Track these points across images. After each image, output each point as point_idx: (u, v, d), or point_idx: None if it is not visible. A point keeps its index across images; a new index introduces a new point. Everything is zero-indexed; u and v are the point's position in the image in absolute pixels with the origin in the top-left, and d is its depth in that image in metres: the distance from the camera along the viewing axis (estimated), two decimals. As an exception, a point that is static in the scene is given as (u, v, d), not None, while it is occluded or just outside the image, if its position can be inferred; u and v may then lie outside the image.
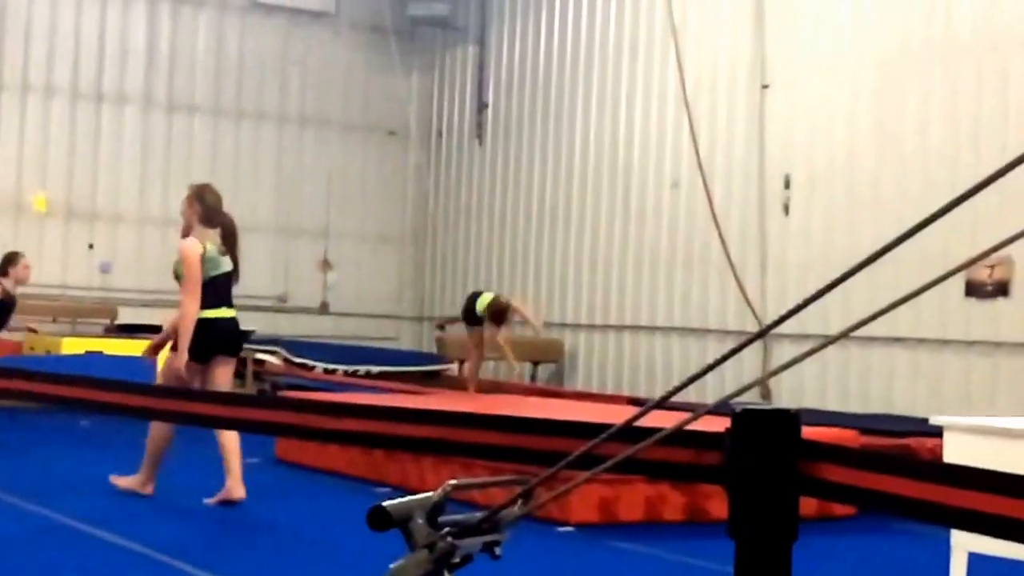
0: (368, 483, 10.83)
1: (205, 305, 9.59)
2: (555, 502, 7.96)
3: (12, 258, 14.01)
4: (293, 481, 11.37)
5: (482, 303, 14.84)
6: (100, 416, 13.53)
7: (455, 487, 2.60)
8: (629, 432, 2.71)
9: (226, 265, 9.79)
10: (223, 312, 9.71)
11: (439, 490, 2.57)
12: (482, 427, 3.57)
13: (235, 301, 9.95)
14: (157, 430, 9.68)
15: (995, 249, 2.62)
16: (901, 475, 2.69)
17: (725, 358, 2.68)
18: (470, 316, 14.98)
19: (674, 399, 2.84)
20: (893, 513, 2.67)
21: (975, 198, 4.37)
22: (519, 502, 2.70)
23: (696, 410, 2.71)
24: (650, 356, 17.66)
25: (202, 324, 9.52)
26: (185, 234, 9.91)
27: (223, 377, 9.79)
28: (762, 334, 2.80)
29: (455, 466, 9.56)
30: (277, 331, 19.91)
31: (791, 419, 2.79)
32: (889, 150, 14.61)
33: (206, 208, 9.85)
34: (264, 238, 20.62)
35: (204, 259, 9.62)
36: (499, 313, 14.72)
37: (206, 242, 9.72)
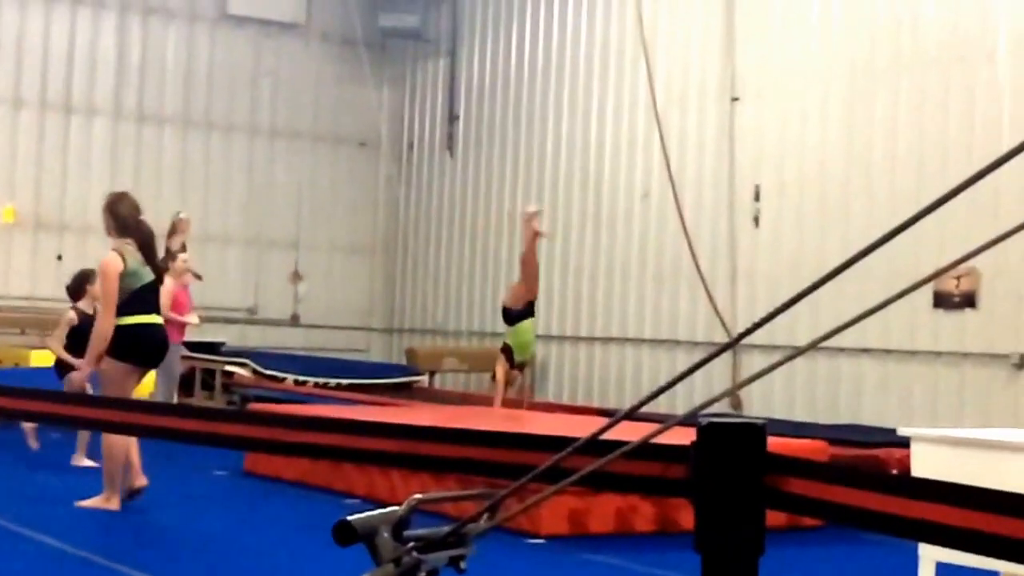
0: (336, 494, 10.81)
1: (135, 311, 9.68)
2: (522, 515, 7.96)
3: (87, 277, 13.55)
4: (261, 493, 11.34)
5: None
6: (67, 430, 13.46)
7: (420, 501, 2.61)
8: (596, 445, 2.71)
9: (148, 276, 9.84)
10: (152, 318, 9.79)
11: (404, 504, 2.57)
12: (449, 441, 3.57)
13: (206, 313, 10.00)
14: (112, 446, 9.64)
15: (962, 260, 2.64)
16: (868, 488, 2.69)
17: (693, 369, 2.68)
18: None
19: (644, 410, 2.85)
20: (861, 527, 2.68)
21: (942, 208, 4.41)
22: (485, 516, 2.71)
23: (666, 421, 2.71)
24: (620, 367, 17.68)
25: (134, 329, 9.59)
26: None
27: (137, 384, 9.97)
28: (730, 346, 2.81)
29: (424, 477, 9.55)
30: (247, 343, 19.88)
31: (757, 432, 2.78)
32: (857, 162, 14.69)
33: (119, 219, 9.88)
34: (234, 250, 20.61)
35: (125, 274, 9.64)
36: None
37: (126, 256, 9.73)
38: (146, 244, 9.88)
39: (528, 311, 14.62)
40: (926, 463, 7.68)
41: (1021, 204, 11.97)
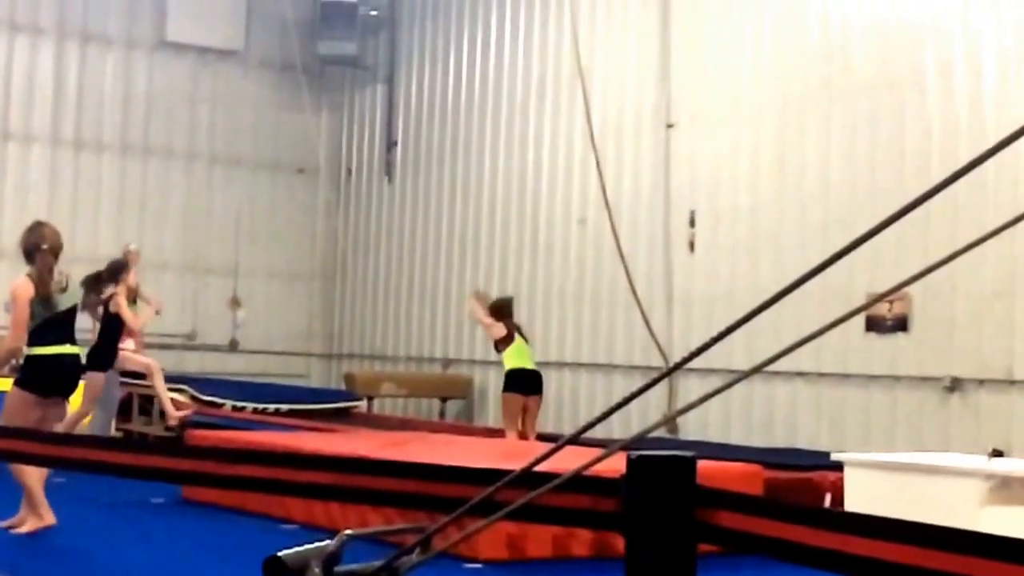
0: (274, 520, 10.80)
1: (47, 342, 9.61)
2: (452, 549, 8.02)
3: (124, 267, 13.80)
4: (197, 521, 11.28)
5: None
6: None
7: (351, 536, 2.67)
8: (529, 476, 2.75)
9: (65, 303, 9.82)
10: (66, 348, 9.75)
11: (335, 539, 2.63)
12: (383, 473, 3.65)
13: (143, 339, 10.00)
14: (22, 471, 9.58)
15: (900, 287, 2.74)
16: (800, 522, 2.70)
17: (635, 395, 2.75)
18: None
19: (581, 435, 2.90)
20: (793, 561, 2.71)
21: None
22: (418, 549, 2.77)
23: (605, 446, 2.75)
24: (558, 392, 17.76)
25: (41, 360, 9.56)
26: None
27: (58, 415, 9.86)
28: (670, 372, 2.89)
29: (363, 505, 9.58)
30: (185, 369, 19.81)
31: (687, 465, 2.81)
32: (790, 187, 14.89)
33: (24, 248, 9.87)
34: (172, 275, 20.57)
35: (36, 300, 9.61)
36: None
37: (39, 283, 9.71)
38: (42, 274, 9.76)
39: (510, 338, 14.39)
40: (858, 488, 7.85)
41: (950, 227, 12.20)
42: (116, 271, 13.49)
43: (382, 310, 21.62)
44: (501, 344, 14.28)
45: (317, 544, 2.64)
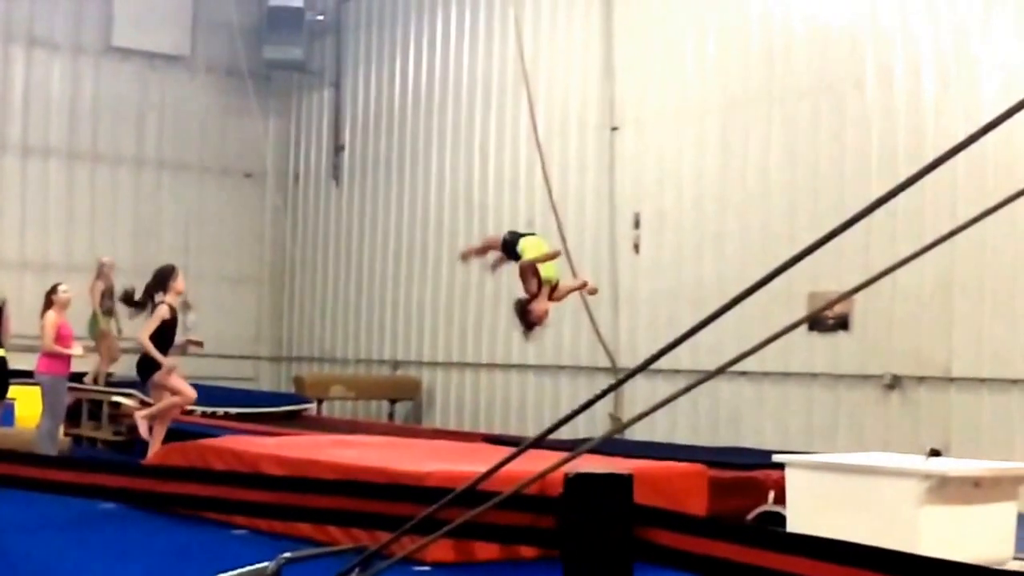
0: (225, 525, 10.74)
1: None
2: (390, 568, 8.11)
3: (171, 272, 13.29)
4: (147, 525, 11.12)
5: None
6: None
7: (289, 560, 2.74)
8: (468, 495, 2.82)
9: None
10: None
11: (273, 562, 2.70)
12: (326, 492, 3.76)
13: (93, 343, 10.02)
14: None
15: (849, 294, 2.87)
16: (735, 541, 2.76)
17: (598, 398, 2.84)
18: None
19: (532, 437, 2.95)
20: None
21: (813, 234, 4.66)
22: (356, 570, 2.83)
23: (574, 449, 2.80)
24: (506, 393, 17.90)
25: None
26: None
27: None
28: (634, 374, 3.00)
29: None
30: (134, 373, 19.74)
31: (624, 483, 2.84)
32: (732, 189, 15.07)
33: None
34: (121, 280, 20.43)
35: None
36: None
37: None
38: None
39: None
40: (799, 488, 7.97)
41: (890, 227, 12.40)
42: (163, 278, 13.14)
43: (331, 313, 21.69)
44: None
45: (256, 566, 2.72)
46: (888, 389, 13.34)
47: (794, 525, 7.86)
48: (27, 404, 15.04)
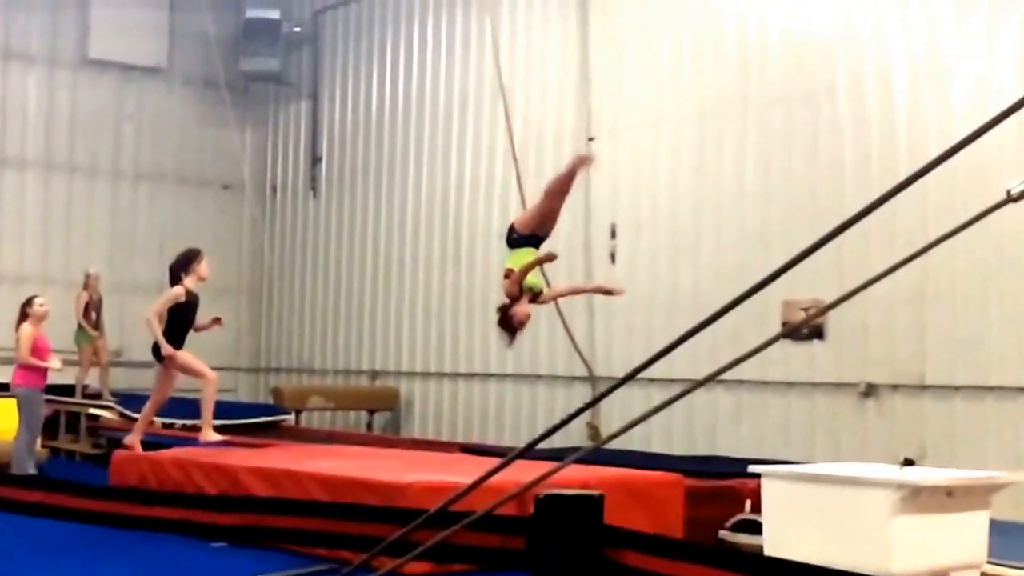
0: (203, 538, 10.73)
1: None
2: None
3: (196, 255, 12.99)
4: (126, 535, 11.08)
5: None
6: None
7: None
8: (440, 517, 2.87)
9: None
10: None
11: None
12: (297, 514, 3.81)
13: (71, 356, 10.05)
14: None
15: (826, 310, 2.93)
16: (705, 564, 2.82)
17: (578, 413, 2.87)
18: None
19: (503, 449, 3.01)
20: None
21: (790, 245, 4.71)
22: None
23: (551, 459, 2.86)
24: (483, 403, 17.93)
25: None
26: None
27: None
28: (614, 389, 3.05)
29: (290, 521, 9.63)
30: (113, 386, 19.75)
31: (594, 504, 2.89)
32: (707, 199, 15.13)
33: None
34: (78, 294, 20.47)
35: None
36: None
37: None
38: None
39: (532, 241, 11.59)
40: (775, 499, 8.02)
41: (863, 236, 12.46)
42: (186, 260, 12.86)
43: (309, 324, 21.71)
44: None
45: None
46: (864, 397, 13.39)
47: (770, 535, 7.91)
48: (3, 416, 15.00)
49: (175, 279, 12.78)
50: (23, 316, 14.31)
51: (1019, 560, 8.56)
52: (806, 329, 13.86)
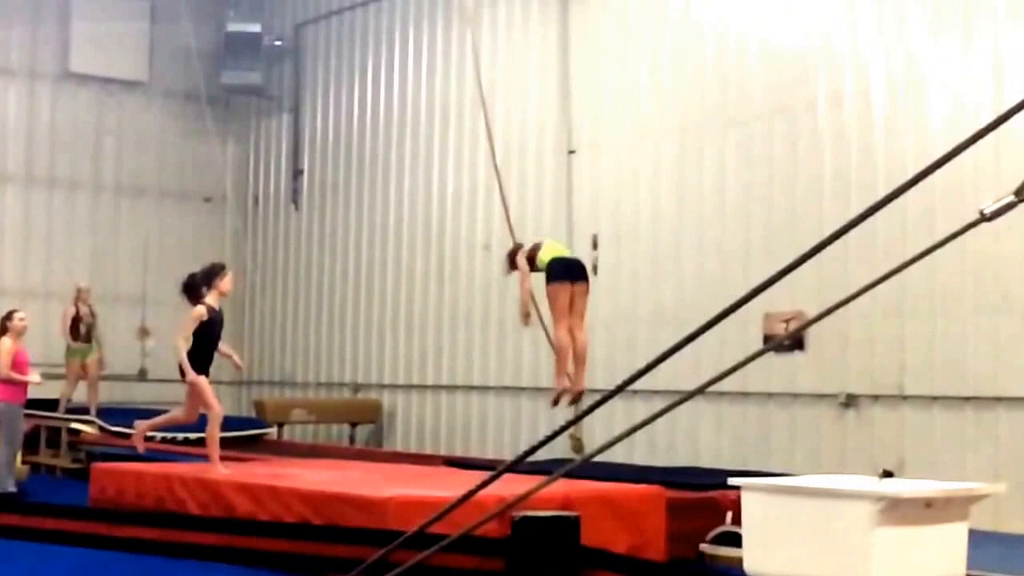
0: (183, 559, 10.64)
1: None
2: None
3: (219, 270, 12.59)
4: (102, 556, 10.97)
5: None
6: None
7: None
8: (417, 538, 2.88)
9: None
10: None
11: None
12: (274, 536, 3.83)
13: (51, 370, 10.02)
14: None
15: (812, 322, 2.95)
16: None
17: (565, 428, 2.89)
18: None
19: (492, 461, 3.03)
20: None
21: (768, 254, 4.75)
22: None
23: (533, 472, 2.86)
24: (466, 415, 17.93)
25: None
26: None
27: None
28: (598, 405, 3.07)
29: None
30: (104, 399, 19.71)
31: (571, 525, 2.91)
32: (689, 211, 15.18)
33: None
34: (64, 308, 20.46)
35: None
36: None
37: None
38: None
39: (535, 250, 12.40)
40: (755, 511, 8.03)
41: (842, 248, 12.50)
42: (209, 275, 12.41)
43: (291, 337, 21.70)
44: (533, 262, 12.39)
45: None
46: (844, 408, 13.43)
47: (749, 549, 7.93)
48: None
49: (196, 296, 12.27)
50: (3, 330, 14.28)
51: (998, 571, 8.59)
52: (786, 341, 13.88)
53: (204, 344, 12.19)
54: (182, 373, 12.21)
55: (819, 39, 14.04)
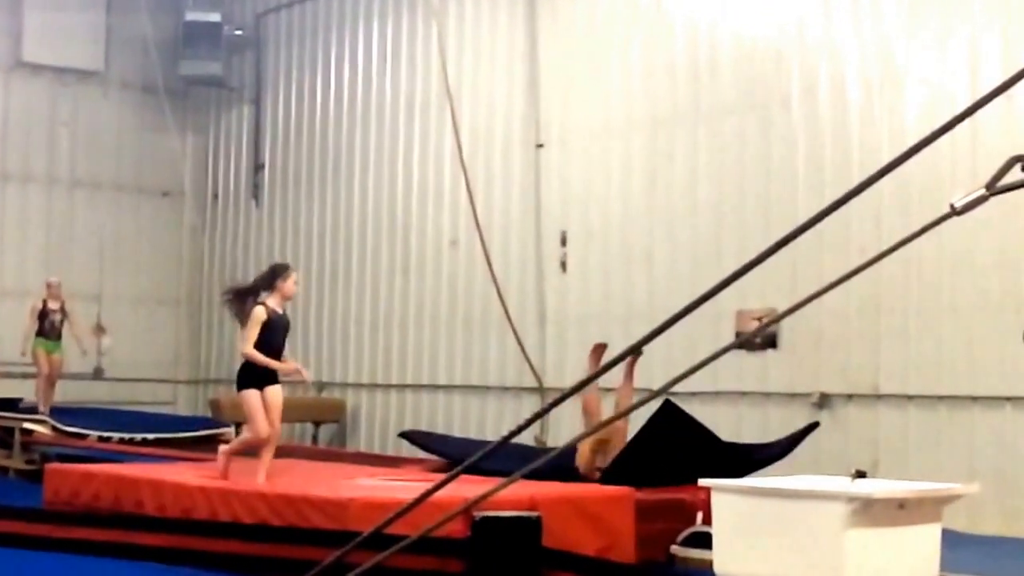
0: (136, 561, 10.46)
1: None
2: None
3: (283, 271, 11.67)
4: (56, 561, 10.80)
5: None
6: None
7: None
8: (376, 539, 2.68)
9: None
10: None
11: None
12: (229, 536, 3.53)
13: (2, 368, 9.72)
14: None
15: (782, 316, 2.67)
16: None
17: (523, 427, 2.63)
18: None
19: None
20: None
21: (741, 252, 4.56)
22: None
23: (497, 473, 2.68)
24: (432, 414, 17.71)
25: None
26: None
27: None
28: (560, 401, 2.78)
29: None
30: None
31: (532, 526, 2.77)
32: (659, 207, 15.01)
33: None
34: (32, 303, 20.09)
35: None
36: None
37: None
38: None
39: None
40: (725, 512, 7.88)
41: (816, 243, 12.33)
42: (272, 276, 11.53)
43: (251, 334, 21.35)
44: None
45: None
46: (817, 407, 13.31)
47: (719, 550, 7.81)
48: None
49: (253, 294, 11.45)
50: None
51: (972, 572, 8.57)
52: (759, 338, 13.76)
53: (263, 352, 11.23)
54: (239, 384, 11.45)
55: (793, 31, 13.92)
